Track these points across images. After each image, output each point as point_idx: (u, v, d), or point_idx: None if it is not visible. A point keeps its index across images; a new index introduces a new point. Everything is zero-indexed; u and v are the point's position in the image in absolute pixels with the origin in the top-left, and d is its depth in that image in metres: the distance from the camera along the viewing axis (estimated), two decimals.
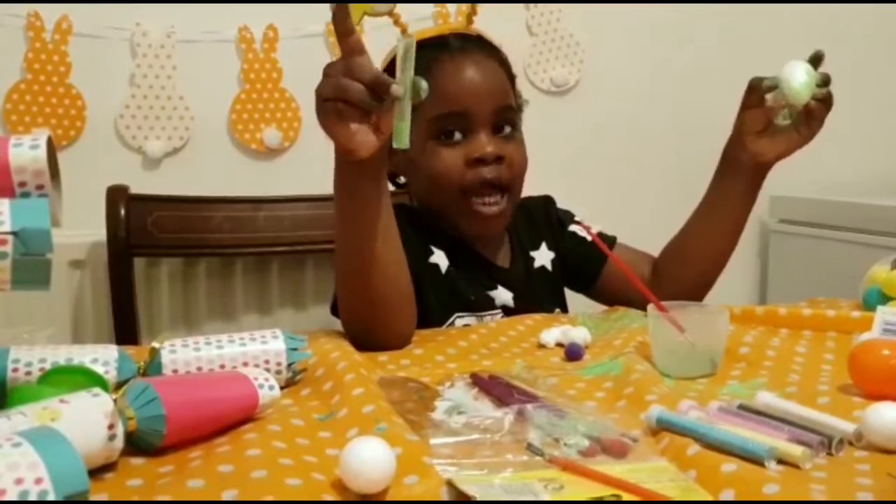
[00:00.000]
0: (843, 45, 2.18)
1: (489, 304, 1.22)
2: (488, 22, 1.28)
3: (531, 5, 1.99)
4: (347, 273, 1.01)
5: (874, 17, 2.23)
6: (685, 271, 1.25)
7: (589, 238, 1.30)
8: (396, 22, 1.16)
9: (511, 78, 1.25)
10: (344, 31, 0.88)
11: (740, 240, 1.24)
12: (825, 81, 1.09)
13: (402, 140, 0.89)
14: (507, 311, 1.22)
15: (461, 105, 1.17)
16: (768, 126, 1.15)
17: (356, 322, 1.02)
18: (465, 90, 1.18)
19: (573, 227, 1.33)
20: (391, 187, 1.32)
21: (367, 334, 1.01)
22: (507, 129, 1.21)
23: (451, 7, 1.88)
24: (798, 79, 1.07)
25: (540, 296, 1.28)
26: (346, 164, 0.94)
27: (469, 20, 1.27)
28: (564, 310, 1.32)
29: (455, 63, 1.19)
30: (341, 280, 1.03)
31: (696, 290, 1.22)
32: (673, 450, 0.68)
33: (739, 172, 1.18)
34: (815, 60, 1.10)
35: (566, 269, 1.32)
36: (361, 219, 0.97)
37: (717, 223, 1.23)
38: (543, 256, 1.30)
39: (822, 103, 1.09)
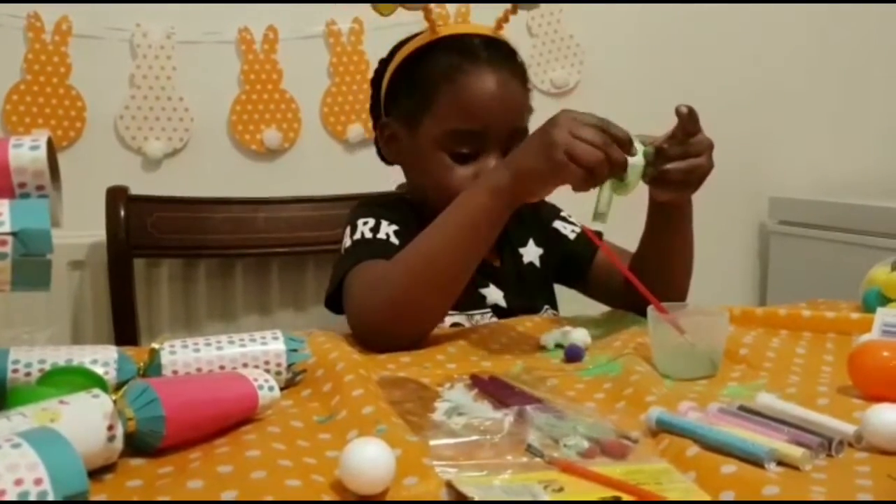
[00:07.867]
0: (843, 45, 2.20)
1: (480, 303, 1.21)
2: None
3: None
4: (443, 274, 1.03)
5: (874, 17, 2.23)
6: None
7: (572, 237, 1.30)
8: (427, 17, 1.18)
9: (527, 91, 1.23)
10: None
11: (740, 241, 1.23)
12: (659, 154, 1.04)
13: (603, 218, 1.01)
14: (498, 311, 1.21)
15: (480, 123, 1.16)
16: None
17: (400, 313, 1.02)
18: (486, 109, 1.16)
19: (556, 223, 1.33)
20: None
21: (406, 324, 1.02)
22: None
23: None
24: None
25: (531, 294, 1.27)
26: (516, 201, 1.01)
27: (499, 25, 1.23)
28: (554, 307, 1.31)
29: (480, 76, 1.16)
30: (424, 277, 1.02)
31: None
32: (673, 451, 0.68)
33: (653, 205, 1.15)
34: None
35: (553, 264, 1.31)
36: (489, 239, 1.04)
37: (657, 251, 1.18)
38: (531, 253, 1.30)
39: (674, 173, 1.03)
